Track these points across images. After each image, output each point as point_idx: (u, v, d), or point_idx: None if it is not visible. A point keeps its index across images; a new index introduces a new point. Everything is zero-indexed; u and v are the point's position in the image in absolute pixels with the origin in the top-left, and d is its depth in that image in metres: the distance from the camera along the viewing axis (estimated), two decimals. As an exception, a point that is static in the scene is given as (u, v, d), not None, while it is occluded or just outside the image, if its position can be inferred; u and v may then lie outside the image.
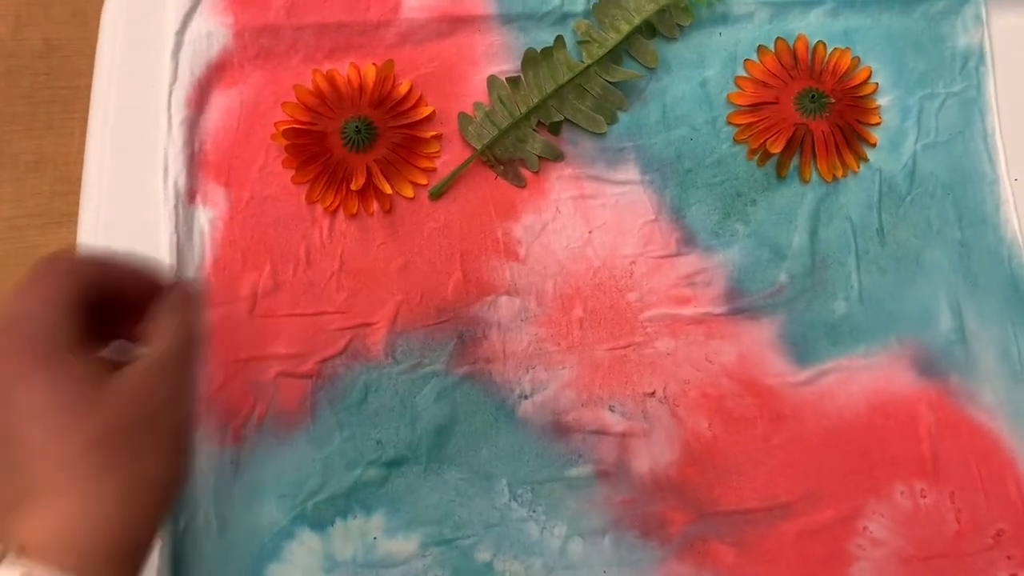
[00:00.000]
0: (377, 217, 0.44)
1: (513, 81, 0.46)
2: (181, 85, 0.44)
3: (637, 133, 0.46)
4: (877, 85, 0.47)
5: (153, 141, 0.44)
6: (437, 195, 0.45)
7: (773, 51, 0.47)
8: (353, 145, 0.44)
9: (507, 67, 0.46)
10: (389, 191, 0.44)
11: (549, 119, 0.45)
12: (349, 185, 0.44)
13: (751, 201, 0.46)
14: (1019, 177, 0.46)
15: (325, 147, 0.44)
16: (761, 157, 0.46)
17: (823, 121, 0.46)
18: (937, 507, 0.43)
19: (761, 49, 0.47)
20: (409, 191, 0.45)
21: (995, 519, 0.42)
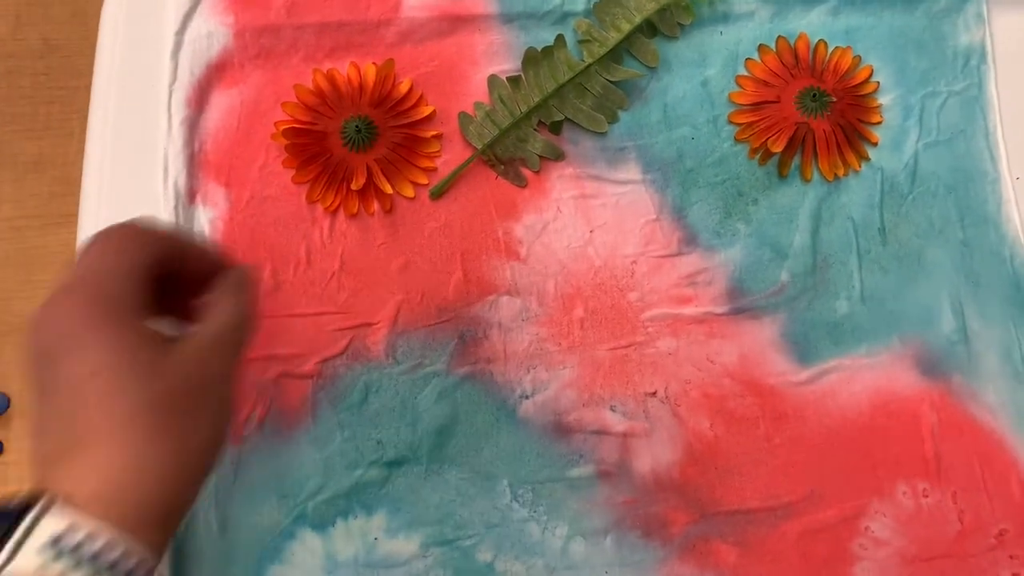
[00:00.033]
0: (378, 217, 0.44)
1: (514, 80, 0.45)
2: (181, 85, 0.44)
3: (638, 132, 0.46)
4: (878, 84, 0.47)
5: (153, 141, 0.44)
6: (438, 195, 0.45)
7: (774, 50, 0.47)
8: (353, 145, 0.44)
9: (508, 66, 0.46)
10: (390, 191, 0.44)
11: (550, 118, 0.45)
12: (349, 185, 0.44)
13: (752, 200, 0.45)
14: (1021, 176, 0.46)
15: (325, 147, 0.44)
16: (762, 156, 0.46)
17: (824, 120, 0.46)
18: (940, 507, 0.42)
19: (762, 48, 0.47)
20: (410, 191, 0.45)
21: (998, 519, 0.42)
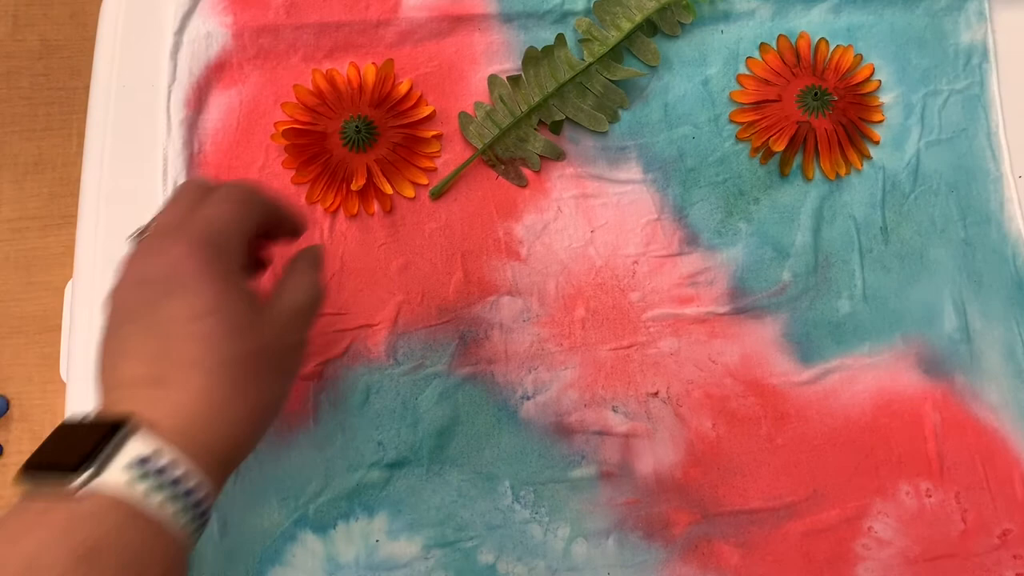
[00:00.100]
0: (378, 217, 0.44)
1: (514, 80, 0.45)
2: (180, 85, 0.44)
3: (639, 132, 0.46)
4: (880, 82, 0.47)
5: (152, 142, 0.44)
6: (438, 195, 0.45)
7: (775, 49, 0.47)
8: (353, 145, 0.44)
9: (508, 66, 0.46)
10: (390, 191, 0.44)
11: (550, 118, 0.45)
12: (349, 185, 0.44)
13: (754, 200, 0.45)
14: (1023, 174, 0.46)
15: (325, 147, 0.44)
16: (764, 155, 0.46)
17: (826, 119, 0.45)
18: (943, 507, 0.42)
19: (763, 47, 0.47)
20: (410, 191, 0.44)
21: (1001, 519, 0.42)
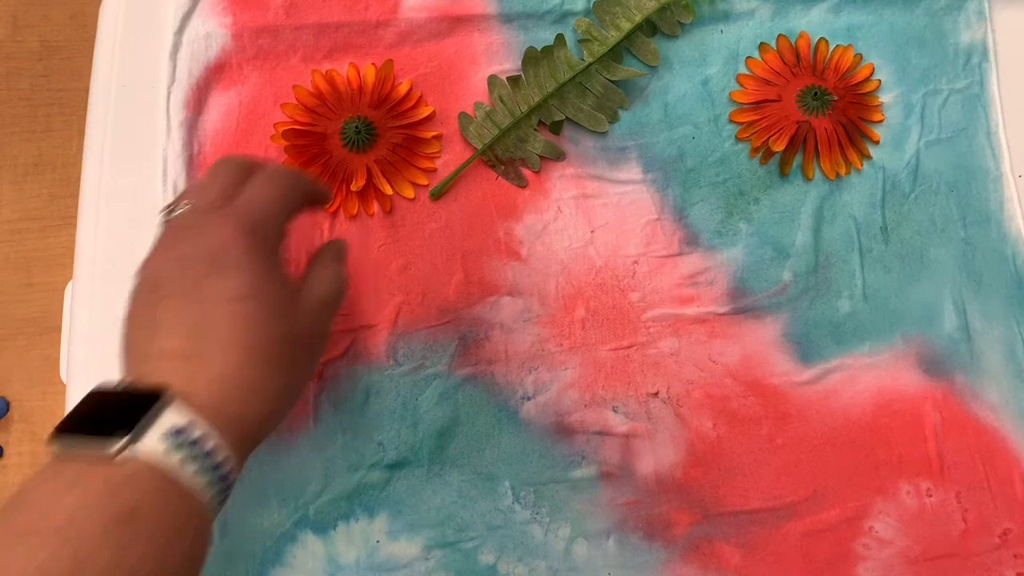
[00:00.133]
0: (377, 218, 0.44)
1: (514, 80, 0.45)
2: (180, 86, 0.44)
3: (639, 132, 0.46)
4: (880, 82, 0.47)
5: (152, 143, 0.44)
6: (438, 195, 0.45)
7: (775, 48, 0.47)
8: (353, 146, 0.44)
9: (507, 66, 0.46)
10: (389, 192, 0.44)
11: (550, 118, 0.45)
12: (349, 186, 0.44)
13: (754, 200, 0.45)
14: (1023, 174, 0.46)
15: (325, 148, 0.44)
16: (764, 155, 0.46)
17: (826, 119, 0.45)
18: (943, 506, 0.42)
19: (763, 46, 0.47)
20: (410, 192, 0.44)
21: (1002, 518, 0.42)
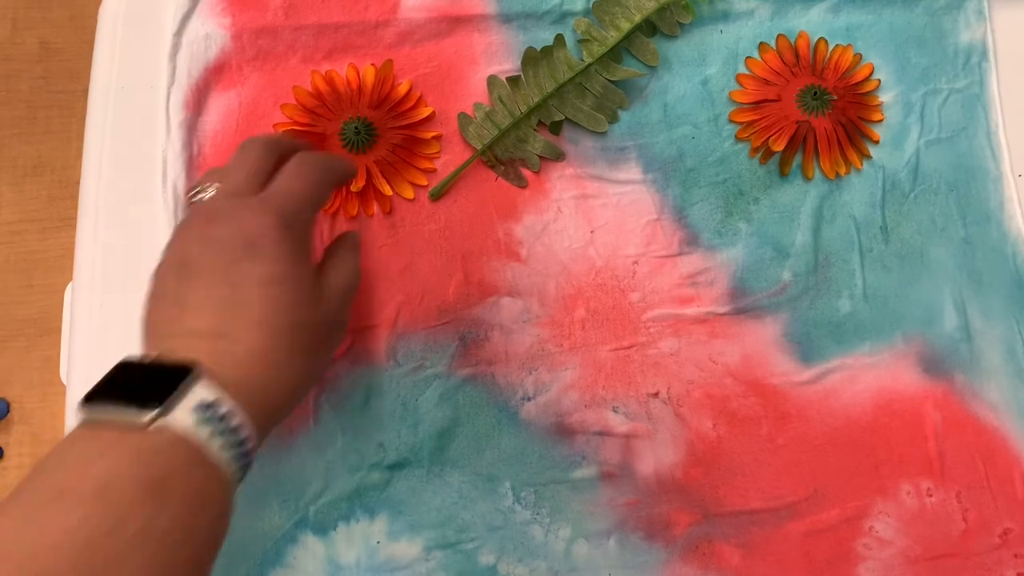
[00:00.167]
0: (377, 219, 0.44)
1: (513, 80, 0.45)
2: (179, 87, 0.44)
3: (638, 132, 0.46)
4: (879, 81, 0.47)
5: (151, 144, 0.44)
6: (437, 196, 0.45)
7: (775, 48, 0.47)
8: (352, 146, 0.44)
9: (507, 66, 0.46)
10: (389, 192, 0.44)
11: (550, 118, 0.45)
12: (349, 187, 0.44)
13: (754, 199, 0.45)
14: (1023, 173, 0.46)
15: (324, 148, 0.44)
16: (763, 155, 0.45)
17: (825, 118, 0.45)
18: (944, 506, 0.42)
19: (762, 46, 0.47)
20: (409, 192, 0.44)
21: (1002, 518, 0.42)
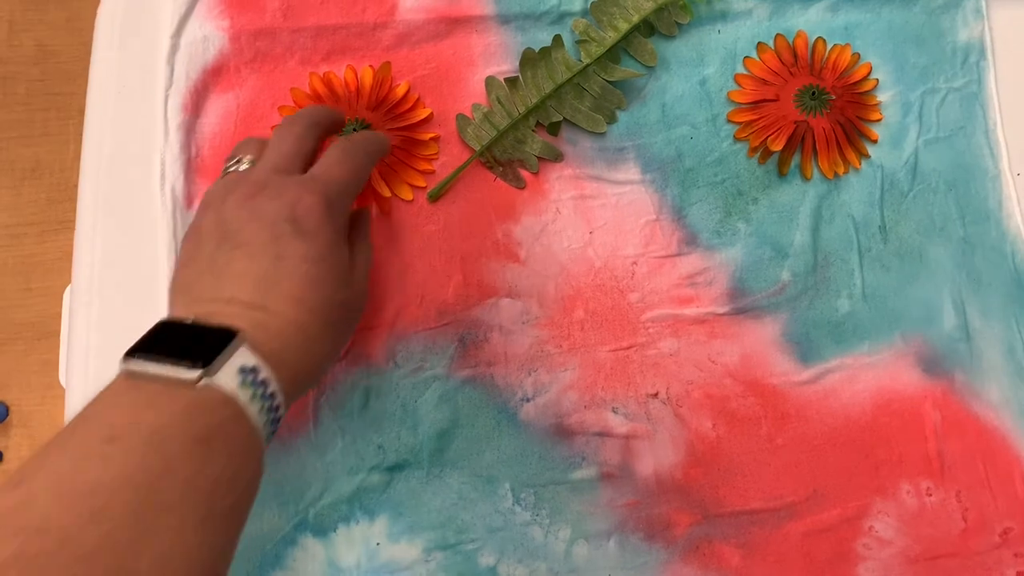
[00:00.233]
0: (376, 220, 0.44)
1: (511, 82, 0.45)
2: (177, 90, 0.44)
3: (637, 132, 0.46)
4: (878, 81, 0.47)
5: (149, 146, 0.44)
6: (436, 197, 0.44)
7: (773, 48, 0.47)
8: (351, 148, 0.44)
9: (505, 67, 0.46)
10: (387, 194, 0.44)
11: (548, 119, 0.45)
12: (347, 188, 0.44)
13: (752, 199, 0.45)
14: (1021, 172, 0.46)
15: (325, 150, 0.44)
16: (762, 155, 0.45)
17: (824, 118, 0.45)
18: (944, 506, 0.42)
19: (760, 46, 0.47)
20: (408, 194, 0.44)
21: (1002, 517, 0.42)
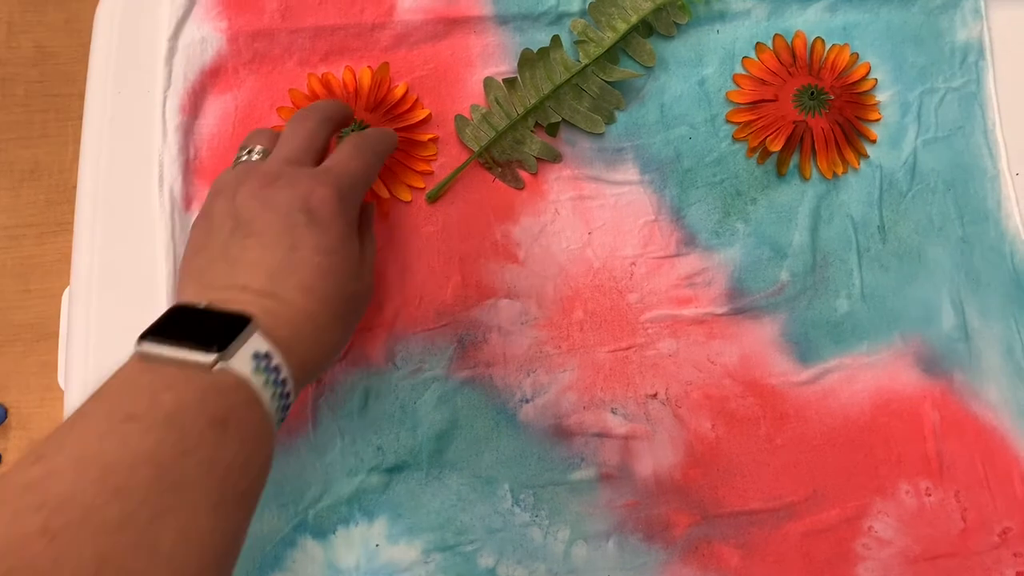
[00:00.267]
0: (375, 222, 0.44)
1: (510, 82, 0.45)
2: (175, 91, 0.44)
3: (636, 133, 0.46)
4: (876, 81, 0.47)
5: (148, 148, 0.44)
6: (434, 198, 0.44)
7: (771, 48, 0.47)
8: (349, 149, 0.44)
9: (504, 68, 0.46)
10: (386, 195, 0.44)
11: (547, 120, 0.45)
12: (346, 189, 0.44)
13: (751, 200, 0.45)
14: (1020, 172, 0.46)
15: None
16: (761, 155, 0.45)
17: (822, 118, 0.45)
18: (943, 506, 0.42)
19: (759, 46, 0.47)
20: (406, 195, 0.44)
21: (1001, 517, 0.42)
